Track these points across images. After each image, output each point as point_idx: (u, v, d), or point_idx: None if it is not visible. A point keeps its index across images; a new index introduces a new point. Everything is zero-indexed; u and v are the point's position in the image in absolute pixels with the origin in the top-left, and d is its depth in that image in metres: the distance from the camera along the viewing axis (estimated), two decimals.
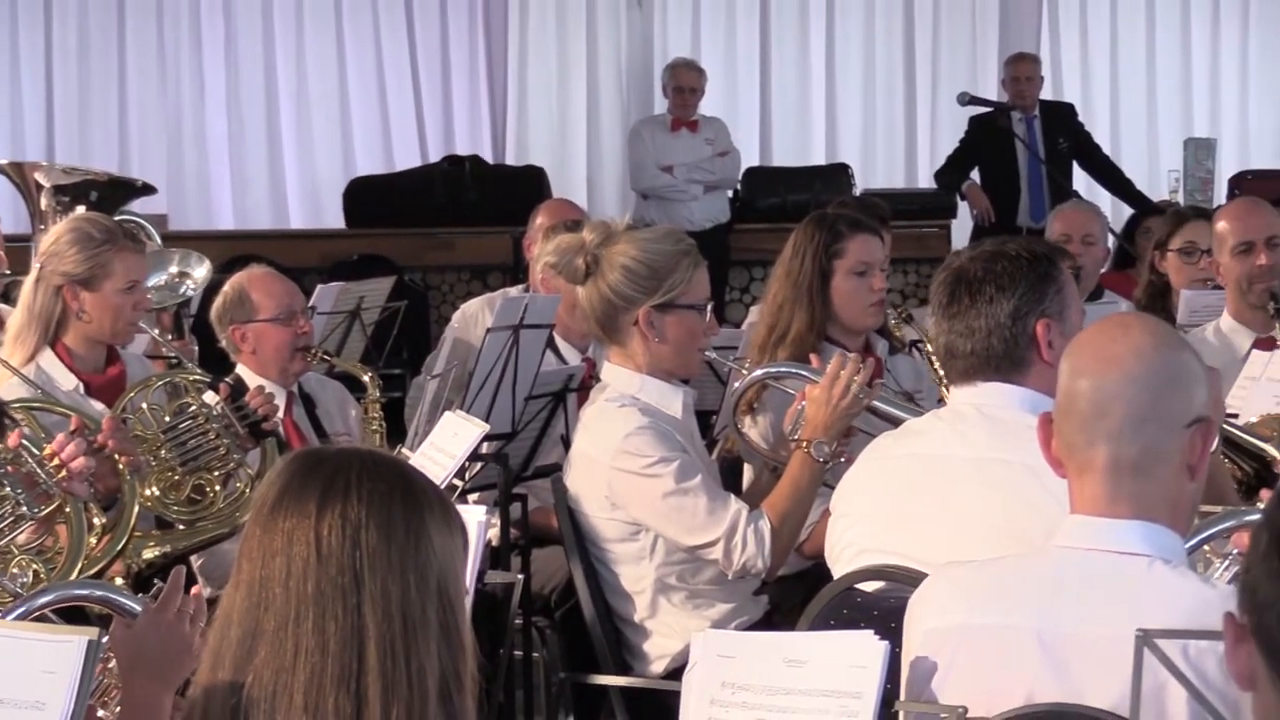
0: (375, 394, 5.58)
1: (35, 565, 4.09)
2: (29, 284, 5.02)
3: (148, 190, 8.09)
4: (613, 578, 4.60)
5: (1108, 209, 10.74)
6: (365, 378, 5.65)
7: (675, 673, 4.25)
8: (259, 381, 5.20)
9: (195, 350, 6.70)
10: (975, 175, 11.14)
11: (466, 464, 4.62)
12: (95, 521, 4.25)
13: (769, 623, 4.59)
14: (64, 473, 4.10)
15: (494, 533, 5.09)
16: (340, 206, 12.00)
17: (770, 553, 4.48)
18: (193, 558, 4.92)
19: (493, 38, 13.10)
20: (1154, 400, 2.77)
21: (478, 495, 5.36)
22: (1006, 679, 2.79)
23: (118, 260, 4.96)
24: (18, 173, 7.48)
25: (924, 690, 2.86)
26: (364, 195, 11.89)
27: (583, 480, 4.61)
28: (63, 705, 2.68)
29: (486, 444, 4.95)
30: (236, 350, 5.46)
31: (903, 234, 8.30)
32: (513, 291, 6.68)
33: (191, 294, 6.95)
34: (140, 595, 3.14)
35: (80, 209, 6.69)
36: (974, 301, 3.58)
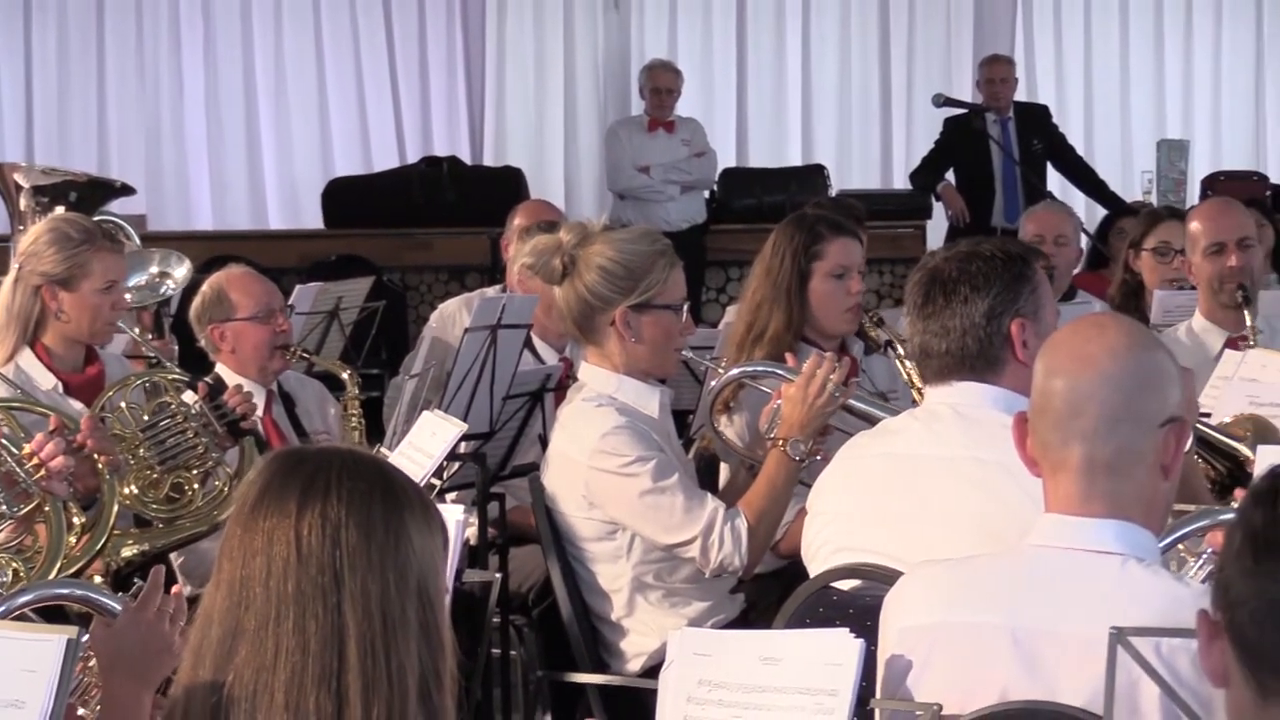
0: (355, 392, 5.58)
1: (14, 564, 4.10)
2: (7, 284, 5.02)
3: (127, 191, 8.10)
4: (590, 576, 4.60)
5: (1081, 210, 10.78)
6: (345, 375, 5.65)
7: (652, 671, 4.24)
8: (238, 380, 5.21)
9: (175, 350, 6.69)
10: (950, 176, 11.16)
11: (444, 463, 4.62)
12: (75, 520, 4.26)
13: (745, 621, 4.60)
14: (43, 472, 4.12)
15: (472, 531, 5.10)
16: (319, 207, 12.00)
17: (747, 551, 4.48)
18: (173, 556, 4.92)
19: (470, 39, 13.09)
20: (1128, 400, 2.78)
21: (456, 494, 5.37)
22: (981, 676, 2.79)
23: (96, 260, 4.96)
24: None
25: (899, 688, 2.87)
26: (342, 196, 11.87)
27: (560, 479, 4.61)
28: (42, 704, 2.69)
29: (464, 443, 4.96)
30: (215, 349, 5.47)
31: (878, 234, 8.29)
32: (490, 292, 6.67)
33: (171, 293, 6.95)
34: (120, 594, 3.16)
35: (59, 209, 6.69)
36: (949, 301, 3.59)
